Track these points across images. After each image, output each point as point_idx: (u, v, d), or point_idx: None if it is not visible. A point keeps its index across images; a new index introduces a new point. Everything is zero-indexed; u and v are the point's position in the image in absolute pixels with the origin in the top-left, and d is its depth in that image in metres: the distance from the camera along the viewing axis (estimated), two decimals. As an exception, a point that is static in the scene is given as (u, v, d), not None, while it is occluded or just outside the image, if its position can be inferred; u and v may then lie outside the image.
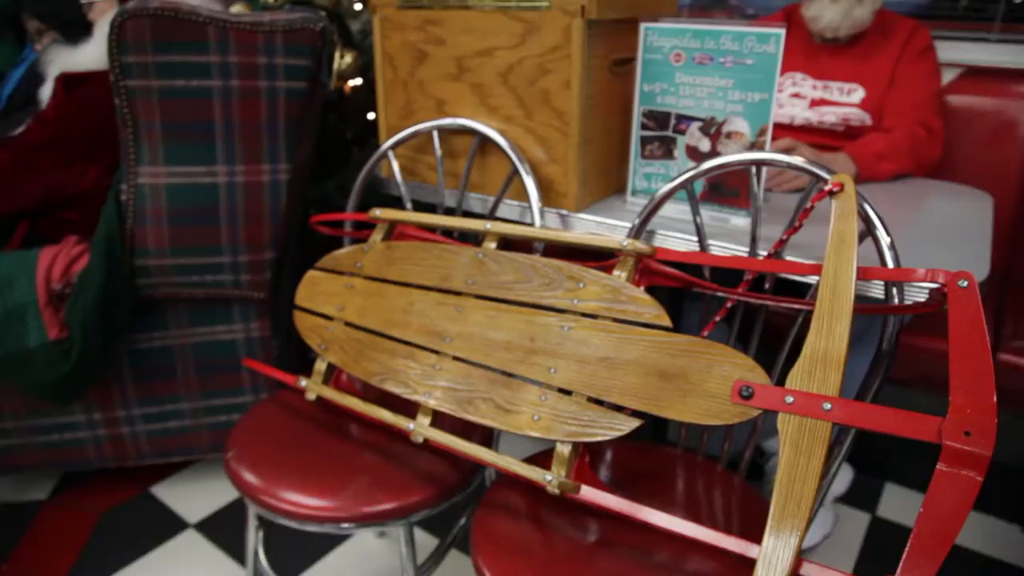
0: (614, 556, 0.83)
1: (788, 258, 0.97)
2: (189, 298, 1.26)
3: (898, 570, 0.65)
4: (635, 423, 0.80)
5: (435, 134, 1.18)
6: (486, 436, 1.06)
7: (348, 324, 1.03)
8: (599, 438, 0.81)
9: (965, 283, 0.70)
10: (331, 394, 0.99)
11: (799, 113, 1.48)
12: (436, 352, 0.94)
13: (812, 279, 0.93)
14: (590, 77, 1.05)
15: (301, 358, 1.56)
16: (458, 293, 0.95)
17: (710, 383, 0.77)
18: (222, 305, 1.30)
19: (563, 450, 0.83)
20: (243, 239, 1.24)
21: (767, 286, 0.96)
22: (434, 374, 0.92)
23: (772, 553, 0.68)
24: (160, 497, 1.50)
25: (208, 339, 1.32)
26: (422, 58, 1.18)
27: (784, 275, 0.93)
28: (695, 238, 1.01)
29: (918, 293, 0.88)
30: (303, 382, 1.02)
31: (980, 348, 0.68)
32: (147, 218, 1.19)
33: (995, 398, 0.66)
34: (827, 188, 0.80)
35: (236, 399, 1.39)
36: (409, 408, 0.95)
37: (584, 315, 0.86)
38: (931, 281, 0.73)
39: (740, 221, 1.07)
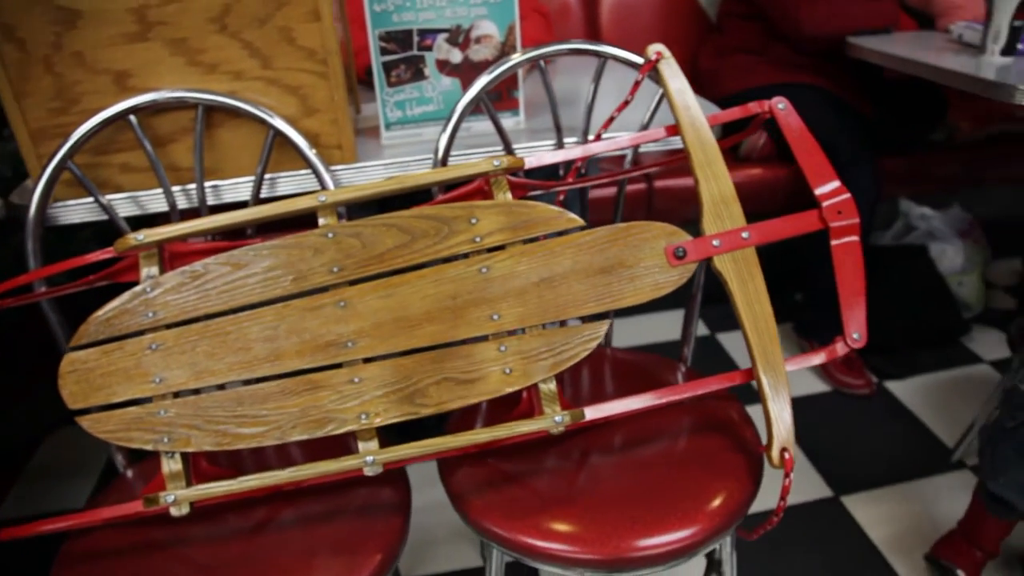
0: (611, 461, 0.84)
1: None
2: None
3: (844, 325, 0.82)
4: (605, 324, 0.79)
5: (133, 119, 0.86)
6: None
7: (180, 395, 0.73)
8: (581, 355, 0.78)
9: (783, 105, 0.86)
10: (221, 488, 0.71)
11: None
12: (342, 366, 0.75)
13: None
14: (327, 4, 0.89)
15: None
16: (324, 289, 0.77)
17: (646, 259, 0.80)
18: None
19: (548, 387, 0.78)
20: None
21: (583, 171, 1.01)
22: (357, 389, 0.74)
23: (769, 366, 0.78)
24: None
25: None
26: (71, 20, 0.82)
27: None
28: (499, 148, 0.99)
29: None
30: (169, 497, 0.70)
31: (814, 149, 0.86)
32: None
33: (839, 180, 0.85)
34: (652, 59, 0.87)
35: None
36: (330, 447, 0.75)
37: (491, 250, 0.79)
38: (759, 110, 0.87)
39: (512, 121, 1.07)
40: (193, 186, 0.93)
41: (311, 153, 0.90)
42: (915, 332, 1.63)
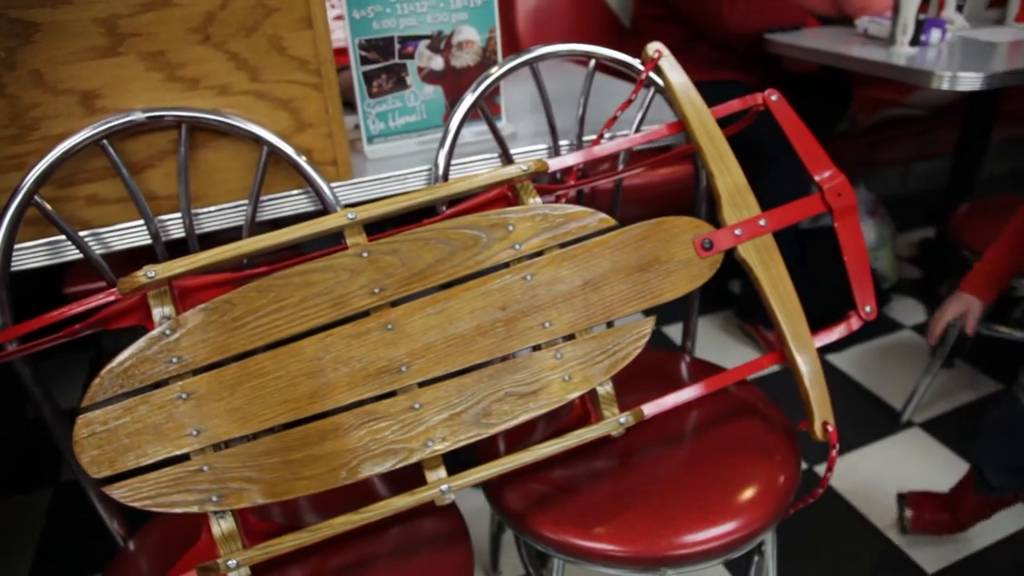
0: (653, 458, 0.84)
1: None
2: None
3: (856, 299, 0.87)
4: (651, 321, 0.79)
5: (107, 145, 0.76)
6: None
7: (224, 445, 0.65)
8: (634, 355, 0.77)
9: (776, 96, 0.90)
10: (288, 543, 0.64)
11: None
12: (396, 393, 0.70)
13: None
14: (313, 10, 0.83)
15: None
16: (365, 313, 0.71)
17: (678, 253, 0.81)
18: None
19: (606, 390, 0.77)
20: None
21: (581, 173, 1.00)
22: (418, 416, 0.69)
23: (801, 344, 0.81)
24: None
25: None
26: (26, 33, 0.71)
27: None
28: (494, 155, 0.97)
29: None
30: (231, 562, 0.62)
31: (808, 136, 0.90)
32: None
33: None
34: (654, 58, 0.88)
35: None
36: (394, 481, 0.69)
37: (531, 256, 0.77)
38: (753, 103, 0.90)
39: (498, 126, 1.05)
40: (170, 216, 0.83)
41: (312, 170, 0.84)
42: (845, 306, 1.75)
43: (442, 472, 0.70)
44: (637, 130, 1.01)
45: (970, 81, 1.23)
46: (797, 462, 0.84)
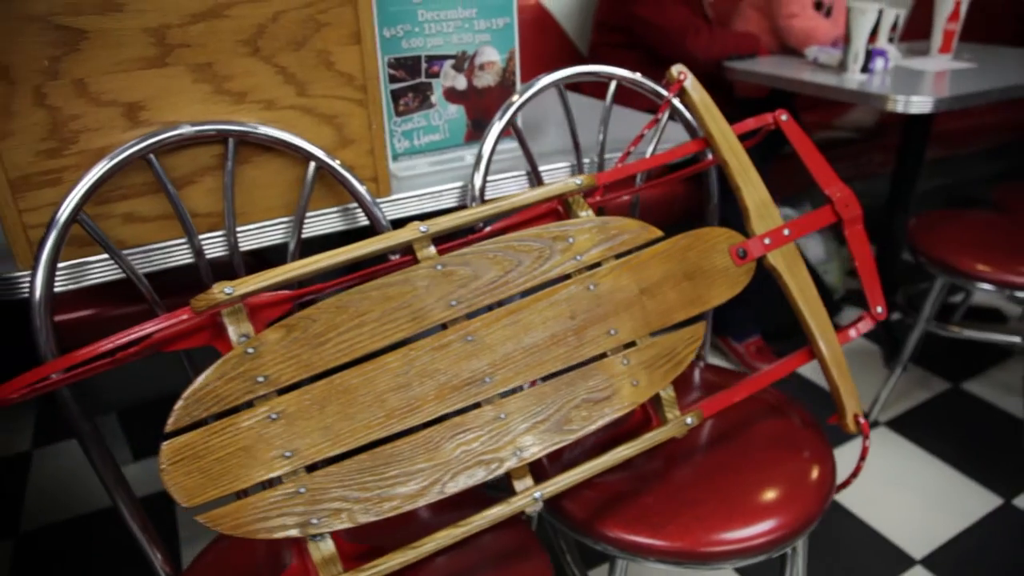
0: (695, 457, 0.86)
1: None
2: None
3: (868, 300, 0.94)
4: (702, 326, 0.82)
5: (154, 159, 0.72)
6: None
7: (319, 466, 0.63)
8: (690, 358, 0.80)
9: (785, 116, 0.97)
10: (396, 562, 0.62)
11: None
12: (480, 404, 0.69)
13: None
14: (355, 26, 0.83)
15: None
16: (442, 326, 0.71)
17: (718, 261, 0.85)
18: None
19: (668, 393, 0.79)
20: None
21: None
22: (505, 426, 0.69)
23: (827, 342, 0.87)
24: None
25: None
26: (72, 41, 0.67)
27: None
28: (521, 172, 0.98)
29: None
30: (337, 584, 0.59)
31: (817, 154, 0.97)
32: None
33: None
34: (680, 79, 0.92)
35: None
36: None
37: (591, 267, 0.79)
38: (764, 123, 0.96)
39: (512, 145, 1.06)
40: (209, 235, 0.80)
41: (360, 187, 0.82)
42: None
43: (529, 480, 0.70)
44: (654, 148, 1.05)
45: (921, 104, 1.36)
46: (831, 454, 0.89)
